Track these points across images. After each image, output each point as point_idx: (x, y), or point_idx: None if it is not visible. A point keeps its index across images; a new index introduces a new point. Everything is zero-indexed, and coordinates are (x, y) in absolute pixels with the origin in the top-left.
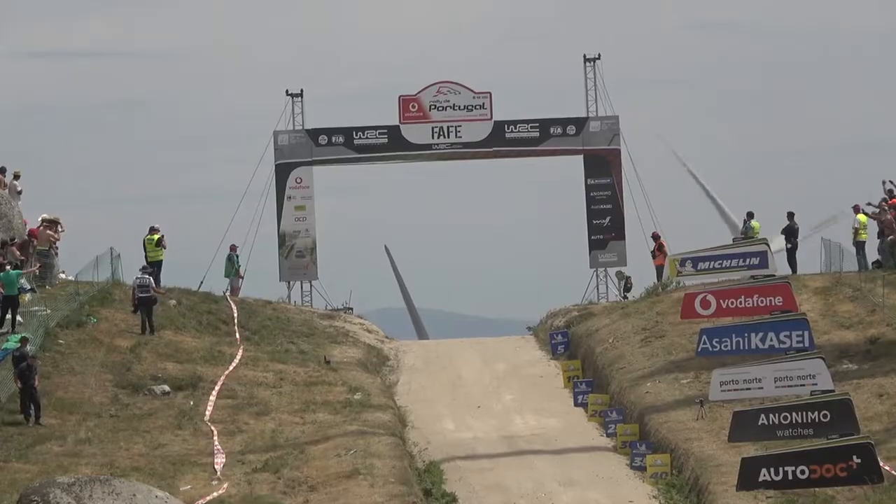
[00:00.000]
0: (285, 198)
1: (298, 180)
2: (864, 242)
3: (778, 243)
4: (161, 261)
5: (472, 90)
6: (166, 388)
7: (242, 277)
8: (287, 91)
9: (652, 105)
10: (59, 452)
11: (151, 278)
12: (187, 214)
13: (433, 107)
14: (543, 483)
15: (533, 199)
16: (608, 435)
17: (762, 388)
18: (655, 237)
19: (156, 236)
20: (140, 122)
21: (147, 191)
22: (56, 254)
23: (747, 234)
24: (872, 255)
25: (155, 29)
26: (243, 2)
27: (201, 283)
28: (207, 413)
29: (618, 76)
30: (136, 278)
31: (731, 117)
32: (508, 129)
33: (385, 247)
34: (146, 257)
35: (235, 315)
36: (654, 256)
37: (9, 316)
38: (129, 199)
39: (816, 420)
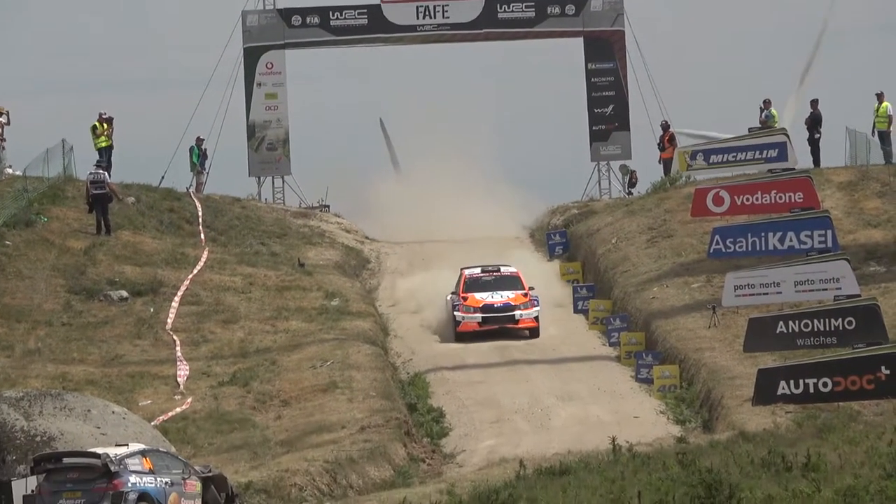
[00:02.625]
0: (255, 85)
1: (269, 65)
2: (888, 133)
3: None
4: (102, 149)
5: None
6: (124, 293)
7: (206, 172)
8: None
9: None
10: (6, 364)
11: (107, 173)
12: (146, 103)
13: None
14: (540, 397)
15: (528, 87)
16: (611, 344)
17: (781, 292)
18: (664, 127)
19: (95, 122)
20: None
21: (102, 76)
22: (2, 147)
23: (766, 123)
24: None
25: None
26: None
27: (162, 178)
28: (169, 321)
29: None
30: (90, 173)
31: None
32: (501, 8)
33: (380, 120)
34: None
35: (200, 213)
36: (662, 149)
37: None
38: (83, 85)
39: (840, 327)
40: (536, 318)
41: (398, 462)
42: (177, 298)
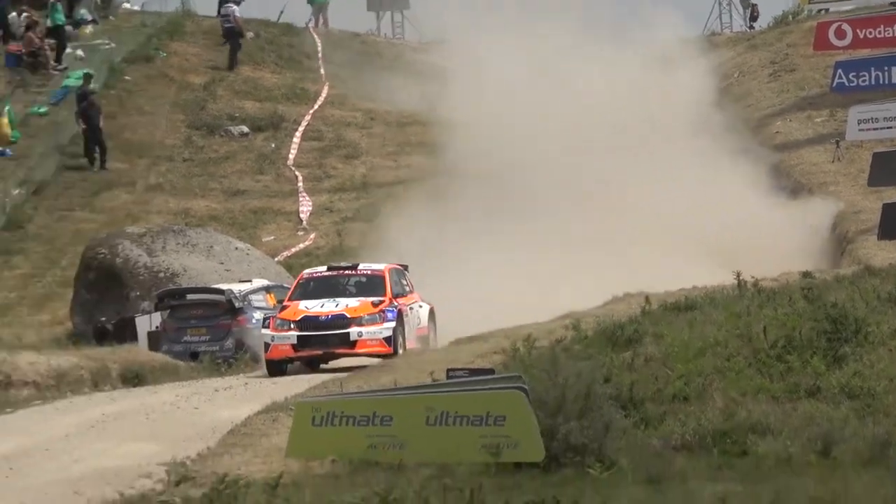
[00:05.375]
0: None
1: None
2: None
3: None
4: None
5: None
6: (245, 128)
7: (326, 6)
8: None
9: None
10: (128, 200)
11: (235, 6)
12: None
13: None
14: None
15: None
16: None
17: None
18: None
19: None
20: None
21: None
22: None
23: None
24: None
25: None
26: None
27: (281, 12)
28: (291, 156)
29: None
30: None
31: None
32: None
33: None
34: None
35: (320, 49)
36: None
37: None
38: None
39: None
40: (388, 340)
41: None
42: (298, 134)
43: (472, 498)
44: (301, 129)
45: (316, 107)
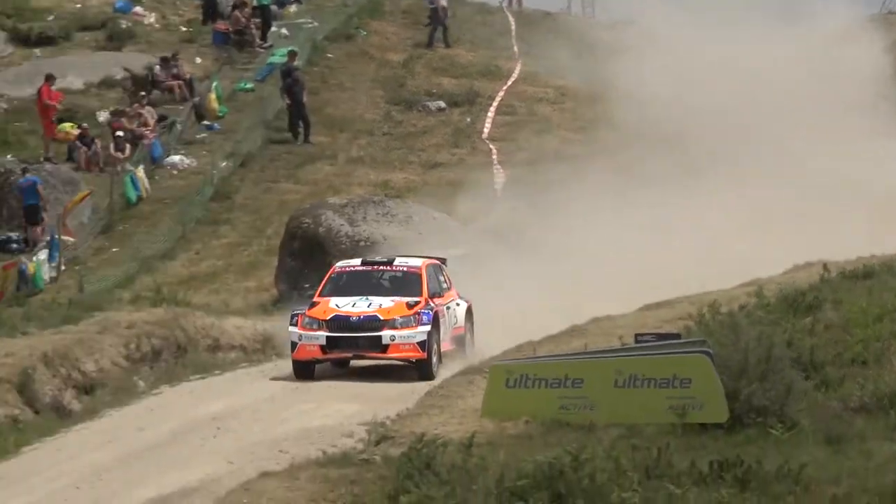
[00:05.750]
0: None
1: None
2: None
3: None
4: None
5: None
6: (441, 104)
7: None
8: None
9: None
10: (330, 172)
11: None
12: None
13: None
14: None
15: None
16: None
17: None
18: None
19: None
20: None
21: None
22: None
23: None
24: None
25: None
26: None
27: None
28: (486, 130)
29: None
30: None
31: None
32: None
33: None
34: None
35: (513, 27)
36: None
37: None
38: None
39: None
40: (422, 345)
41: None
42: (492, 109)
43: (659, 457)
44: (495, 104)
45: (509, 83)
